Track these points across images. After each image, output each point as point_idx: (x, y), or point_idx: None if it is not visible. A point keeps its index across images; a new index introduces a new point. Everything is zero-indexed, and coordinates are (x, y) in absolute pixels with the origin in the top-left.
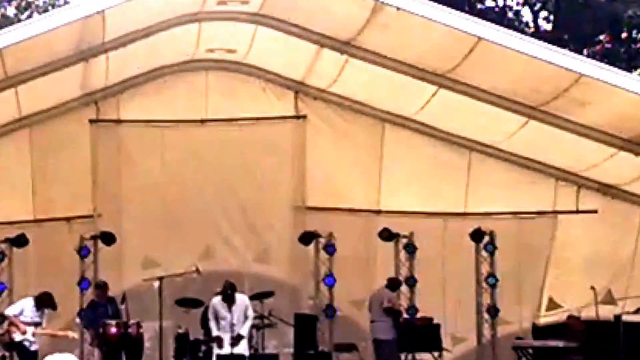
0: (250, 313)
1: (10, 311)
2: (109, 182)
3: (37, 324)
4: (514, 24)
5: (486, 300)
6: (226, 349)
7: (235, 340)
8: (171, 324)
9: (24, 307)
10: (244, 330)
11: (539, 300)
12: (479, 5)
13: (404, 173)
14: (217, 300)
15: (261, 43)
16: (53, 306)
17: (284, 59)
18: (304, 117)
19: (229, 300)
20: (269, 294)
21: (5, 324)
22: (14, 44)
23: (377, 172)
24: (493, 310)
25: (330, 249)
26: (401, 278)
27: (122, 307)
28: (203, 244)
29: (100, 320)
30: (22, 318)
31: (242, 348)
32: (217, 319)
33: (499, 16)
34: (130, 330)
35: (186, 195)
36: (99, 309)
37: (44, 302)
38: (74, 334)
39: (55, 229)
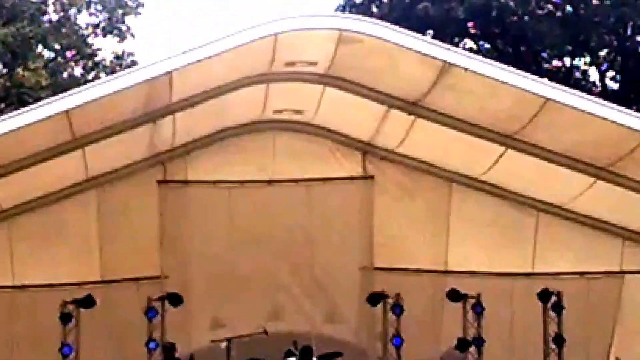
0: None
1: None
2: (176, 243)
3: None
4: (581, 84)
5: None
6: None
7: None
8: None
9: None
10: None
11: None
12: (545, 65)
13: (471, 233)
14: None
15: (328, 104)
16: None
17: (351, 120)
18: (372, 177)
19: None
20: (337, 355)
21: None
22: (81, 105)
23: (444, 232)
24: None
25: (397, 309)
26: (469, 339)
27: None
28: (271, 305)
29: None
30: None
31: None
32: None
33: (565, 76)
34: None
35: (254, 255)
36: None
37: None
38: None
39: (123, 290)
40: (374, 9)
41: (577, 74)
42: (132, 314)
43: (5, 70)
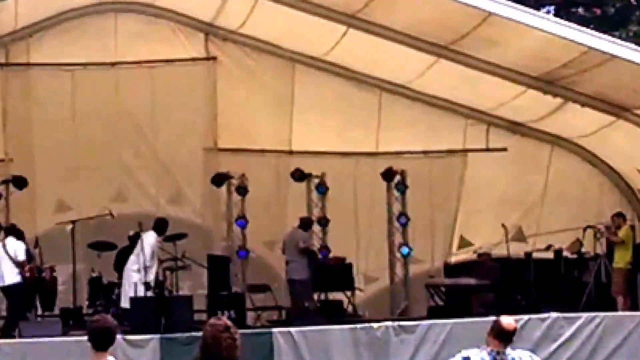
0: None
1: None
2: (19, 126)
3: None
4: None
5: (398, 239)
6: None
7: None
8: (84, 267)
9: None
10: None
11: (451, 238)
12: None
13: (315, 114)
14: None
15: None
16: None
17: (194, 1)
18: (214, 58)
19: None
20: (182, 236)
21: None
22: None
23: (288, 113)
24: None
25: (242, 190)
26: (313, 218)
27: (36, 250)
28: (115, 187)
29: None
30: None
31: None
32: None
33: None
34: (43, 274)
35: (98, 138)
36: None
37: None
38: None
39: None
40: None
41: None
42: None
43: None
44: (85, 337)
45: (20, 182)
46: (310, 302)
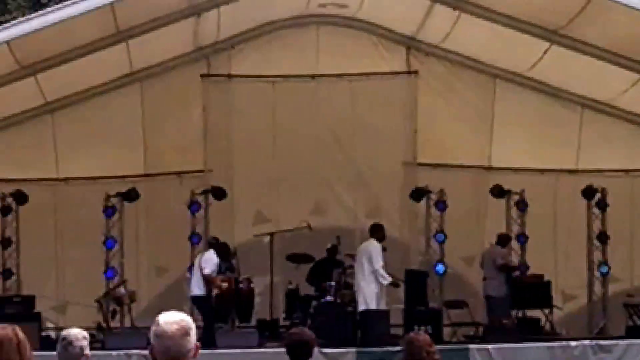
0: None
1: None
2: (219, 137)
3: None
4: None
5: (597, 257)
6: None
7: None
8: (281, 279)
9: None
10: None
11: None
12: None
13: (515, 129)
14: None
15: None
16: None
17: (395, 14)
18: (416, 72)
19: None
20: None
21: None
22: None
23: (488, 128)
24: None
25: (441, 205)
26: (512, 235)
27: (233, 262)
28: (314, 200)
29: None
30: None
31: None
32: None
33: None
34: (241, 285)
35: (297, 150)
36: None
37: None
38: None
39: (166, 184)
40: None
41: None
42: (176, 208)
43: None
44: (281, 349)
45: (219, 193)
46: (507, 319)
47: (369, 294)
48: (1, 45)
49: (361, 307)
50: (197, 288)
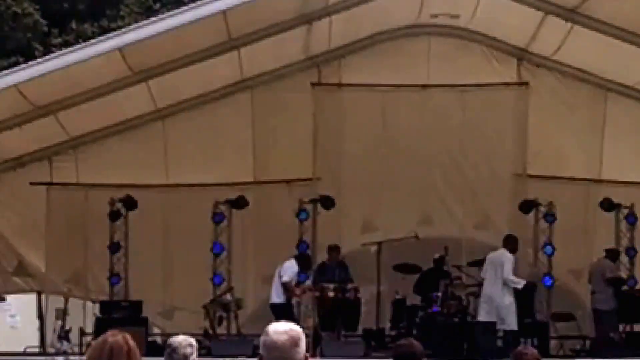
0: None
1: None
2: (329, 146)
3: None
4: None
5: None
6: None
7: None
8: (388, 288)
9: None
10: None
11: None
12: None
13: (626, 142)
14: None
15: (485, 9)
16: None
17: (507, 25)
18: (527, 84)
19: None
20: None
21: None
22: (236, 6)
23: (599, 140)
24: None
25: (549, 217)
26: (621, 249)
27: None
28: (422, 210)
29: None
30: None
31: None
32: None
33: None
34: (347, 294)
35: (406, 160)
36: (328, 272)
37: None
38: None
39: (275, 192)
40: None
41: None
42: (284, 216)
43: None
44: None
45: (327, 202)
46: (615, 333)
47: (504, 306)
48: (114, 51)
49: (484, 318)
50: (275, 296)
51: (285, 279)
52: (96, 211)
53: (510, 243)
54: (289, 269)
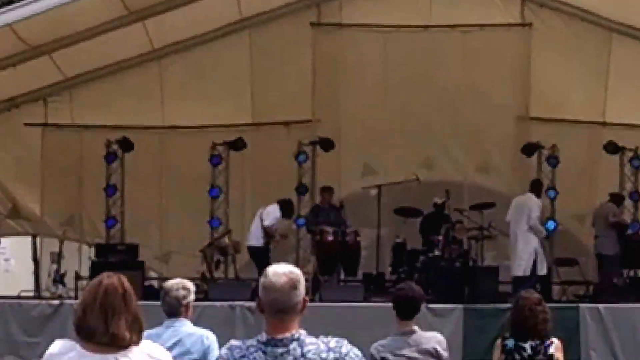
0: None
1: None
2: (328, 87)
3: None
4: None
5: None
6: None
7: None
8: (388, 232)
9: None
10: None
11: None
12: None
13: (631, 85)
14: None
15: None
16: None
17: None
18: (530, 25)
19: None
20: (490, 205)
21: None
22: None
23: (603, 83)
24: None
25: (553, 160)
26: (625, 192)
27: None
28: (423, 153)
29: (321, 226)
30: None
31: None
32: None
33: None
34: (347, 238)
35: (407, 102)
36: (321, 214)
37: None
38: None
39: (273, 134)
40: None
41: None
42: (283, 158)
43: None
44: (386, 304)
45: (327, 144)
46: (618, 278)
47: (525, 254)
48: None
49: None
50: (254, 239)
51: (266, 223)
52: (92, 153)
53: (537, 187)
54: (271, 213)
